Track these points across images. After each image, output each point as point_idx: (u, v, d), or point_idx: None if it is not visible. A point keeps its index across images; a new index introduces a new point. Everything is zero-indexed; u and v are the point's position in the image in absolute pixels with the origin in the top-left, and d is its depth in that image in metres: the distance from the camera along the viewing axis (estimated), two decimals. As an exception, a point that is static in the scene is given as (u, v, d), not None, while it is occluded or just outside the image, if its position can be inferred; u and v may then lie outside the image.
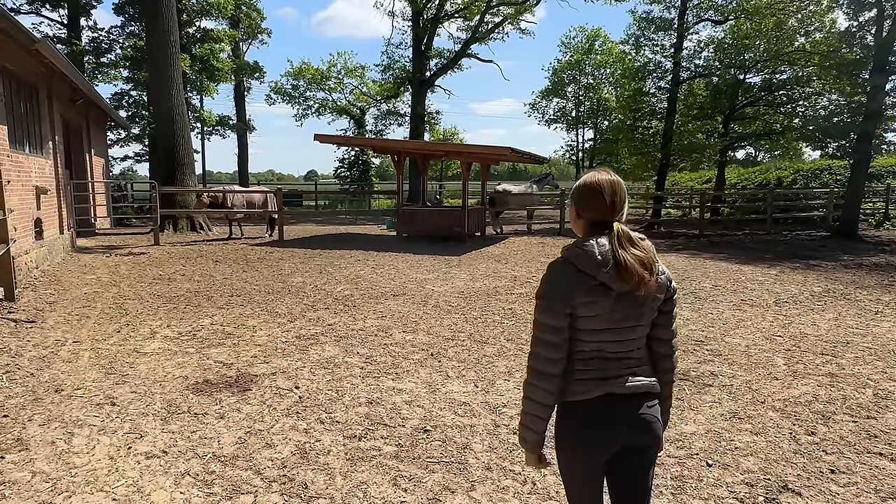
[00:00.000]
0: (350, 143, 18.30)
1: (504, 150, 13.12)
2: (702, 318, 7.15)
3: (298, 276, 10.02)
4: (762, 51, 23.15)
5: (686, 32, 21.62)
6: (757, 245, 15.83)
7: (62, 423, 3.87)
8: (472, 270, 10.69)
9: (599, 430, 1.82)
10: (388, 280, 9.65)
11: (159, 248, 13.41)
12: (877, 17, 17.83)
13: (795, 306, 7.87)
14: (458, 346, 5.84)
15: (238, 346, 5.79)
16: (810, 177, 25.81)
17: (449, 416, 4.06)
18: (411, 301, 8.03)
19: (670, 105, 21.62)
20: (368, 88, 37.67)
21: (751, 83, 24.78)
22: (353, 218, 24.60)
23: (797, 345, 5.92)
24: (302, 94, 37.41)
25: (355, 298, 8.19)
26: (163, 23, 15.99)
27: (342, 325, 6.68)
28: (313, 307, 7.62)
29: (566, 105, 44.76)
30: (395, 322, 6.83)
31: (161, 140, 16.80)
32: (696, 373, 5.02)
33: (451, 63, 31.45)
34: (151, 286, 8.89)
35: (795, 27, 23.31)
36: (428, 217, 15.48)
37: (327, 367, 5.14)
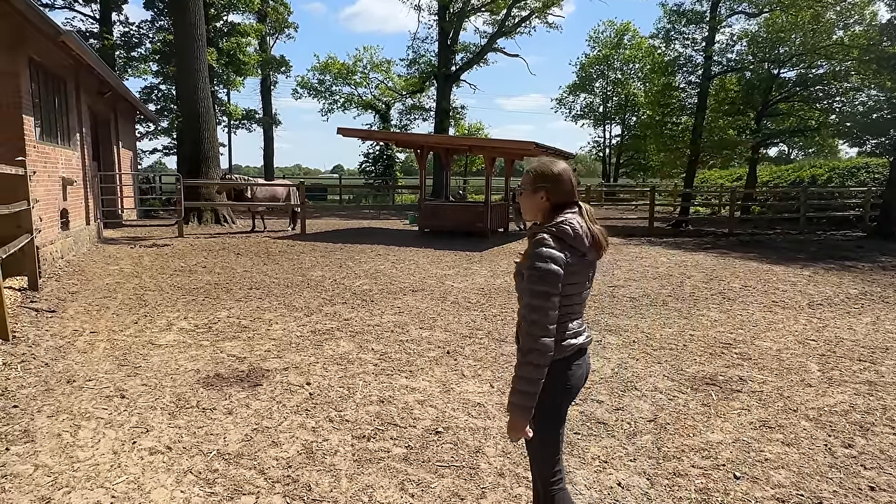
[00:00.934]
0: (373, 136, 18.23)
1: (528, 144, 12.89)
2: (730, 319, 6.88)
3: (318, 269, 9.96)
4: (798, 45, 22.44)
5: (718, 26, 21.06)
6: (789, 245, 15.33)
7: (70, 416, 3.82)
8: (494, 267, 10.52)
9: (578, 379, 2.17)
10: (408, 275, 9.53)
11: (183, 239, 13.51)
12: (921, 9, 17.11)
13: (830, 309, 7.53)
14: (476, 345, 5.69)
15: (252, 339, 5.72)
16: (847, 175, 24.94)
17: (462, 418, 3.91)
18: (430, 297, 7.90)
19: (700, 100, 21.08)
20: (394, 83, 37.64)
21: (785, 78, 24.08)
22: (376, 213, 24.57)
23: (832, 350, 5.63)
24: (328, 89, 37.54)
25: (373, 293, 8.09)
26: (190, 16, 16.09)
27: (359, 320, 6.58)
28: (331, 301, 7.53)
29: (594, 100, 44.20)
30: (412, 318, 6.70)
31: (187, 134, 16.95)
32: (723, 377, 4.78)
33: (477, 57, 31.22)
34: (172, 278, 8.92)
35: (833, 20, 22.54)
36: (450, 212, 15.33)
37: (341, 363, 5.04)
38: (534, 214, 2.14)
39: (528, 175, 2.15)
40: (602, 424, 3.83)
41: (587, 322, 2.31)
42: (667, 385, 4.60)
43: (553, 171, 2.10)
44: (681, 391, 4.47)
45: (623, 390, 4.46)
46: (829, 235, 18.26)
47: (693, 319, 6.84)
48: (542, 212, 2.12)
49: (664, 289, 8.79)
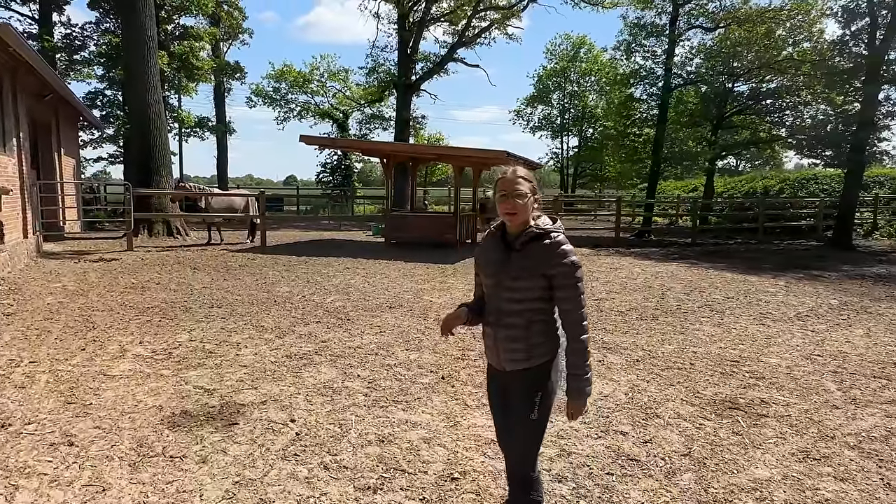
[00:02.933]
0: (337, 144, 17.60)
1: (500, 153, 12.56)
2: (726, 334, 6.62)
3: (284, 285, 9.30)
4: (750, 60, 23.00)
5: (677, 39, 21.36)
6: (752, 254, 15.48)
7: (4, 472, 3.15)
8: (469, 280, 10.07)
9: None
10: (382, 290, 8.98)
11: (133, 253, 12.56)
12: (870, 26, 17.71)
13: (819, 320, 7.39)
14: (471, 368, 5.21)
15: (221, 367, 5.08)
16: (797, 186, 25.71)
17: (478, 459, 3.42)
18: (410, 314, 7.38)
19: (661, 112, 21.30)
20: (352, 92, 36.98)
21: (738, 92, 24.67)
22: (336, 223, 23.84)
23: (842, 366, 5.39)
24: (284, 97, 36.60)
25: (348, 310, 7.51)
26: (140, 17, 15.17)
27: (337, 341, 6.00)
28: (303, 320, 6.92)
29: (551, 112, 44.58)
30: (395, 338, 6.18)
31: (136, 140, 15.92)
32: (744, 400, 4.45)
33: (438, 67, 30.91)
34: (123, 296, 8.11)
35: (784, 36, 23.22)
36: (418, 223, 14.85)
37: (325, 393, 4.47)
38: (528, 218, 2.27)
39: (527, 182, 2.25)
40: (635, 462, 3.41)
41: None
42: (689, 411, 4.22)
43: (533, 178, 2.32)
44: (706, 417, 4.10)
45: (645, 419, 4.06)
46: (788, 245, 18.61)
47: (689, 334, 6.55)
48: (529, 213, 2.26)
49: (649, 301, 8.53)
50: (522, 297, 2.24)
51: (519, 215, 2.25)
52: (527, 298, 2.24)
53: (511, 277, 2.25)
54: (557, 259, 2.19)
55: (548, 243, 2.22)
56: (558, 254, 2.19)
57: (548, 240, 2.22)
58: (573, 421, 2.43)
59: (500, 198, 2.28)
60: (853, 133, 17.47)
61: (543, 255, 2.21)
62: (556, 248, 2.20)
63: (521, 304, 2.24)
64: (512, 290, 2.25)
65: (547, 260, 2.20)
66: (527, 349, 2.27)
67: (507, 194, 2.25)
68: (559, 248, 2.20)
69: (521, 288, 2.23)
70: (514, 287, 2.25)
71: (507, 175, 2.27)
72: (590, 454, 3.49)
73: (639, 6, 22.66)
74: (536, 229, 2.25)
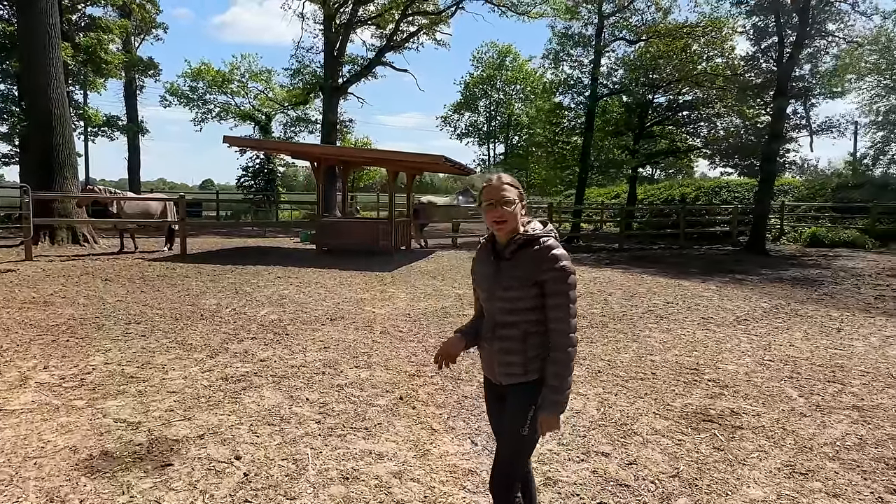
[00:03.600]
0: (263, 147, 16.69)
1: (437, 158, 12.27)
2: (677, 340, 6.60)
3: (210, 297, 8.56)
4: (669, 72, 24.02)
5: (603, 50, 21.95)
6: (677, 259, 16.01)
7: None
8: (411, 289, 9.69)
9: None
10: (319, 301, 8.44)
11: (32, 263, 11.28)
12: (777, 44, 18.86)
13: (758, 324, 7.55)
14: (429, 385, 4.84)
15: (146, 394, 4.45)
16: (711, 193, 27.11)
17: (459, 495, 3.06)
18: (353, 326, 6.91)
19: (588, 121, 21.80)
20: (275, 94, 35.69)
21: (658, 103, 25.71)
22: (261, 230, 22.76)
23: (795, 371, 5.44)
24: (201, 97, 34.75)
25: (285, 324, 6.95)
26: (40, 3, 13.77)
27: (278, 360, 5.46)
28: (236, 337, 6.31)
29: (478, 119, 44.95)
30: (341, 354, 5.71)
31: (36, 138, 14.40)
32: (714, 411, 4.33)
33: (366, 70, 30.34)
34: (22, 312, 7.15)
35: (699, 52, 24.41)
36: (351, 229, 14.30)
37: (272, 422, 3.96)
38: (516, 225, 2.20)
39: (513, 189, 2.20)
40: (625, 488, 3.16)
41: None
42: (664, 425, 4.05)
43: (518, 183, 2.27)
44: (683, 432, 3.94)
45: (623, 436, 3.84)
46: (707, 250, 19.44)
47: (642, 342, 6.47)
48: (517, 220, 2.21)
49: (594, 308, 8.47)
50: (515, 307, 2.16)
51: (508, 223, 2.19)
52: (520, 309, 2.16)
53: (503, 288, 2.18)
54: (548, 264, 2.12)
55: (537, 249, 2.15)
56: (549, 259, 2.12)
57: (537, 245, 2.16)
58: (543, 436, 2.25)
59: (486, 206, 2.21)
60: (765, 144, 18.47)
61: (533, 262, 2.14)
62: (547, 252, 2.14)
63: (515, 316, 2.17)
64: (504, 300, 2.18)
65: (537, 266, 2.13)
66: (523, 363, 2.18)
67: (494, 202, 2.18)
68: (549, 252, 2.14)
69: (514, 298, 2.16)
70: (506, 297, 2.18)
71: (493, 182, 2.22)
72: (577, 481, 3.21)
73: (564, 17, 23.18)
74: (525, 236, 2.19)
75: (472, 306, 8.56)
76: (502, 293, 2.18)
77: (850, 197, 23.83)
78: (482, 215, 2.28)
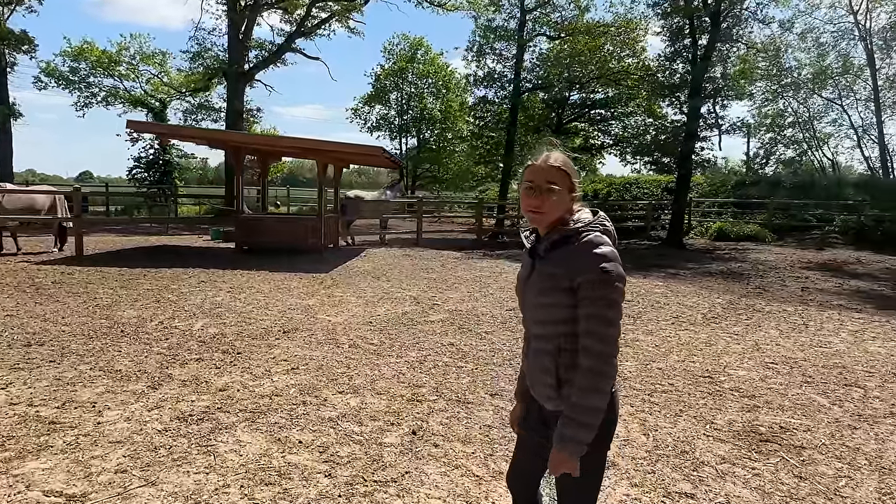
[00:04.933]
0: (177, 134, 14.82)
1: (375, 149, 11.40)
2: (666, 343, 6.27)
3: (127, 307, 7.25)
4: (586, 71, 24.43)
5: (525, 44, 21.85)
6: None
7: None
8: (358, 292, 8.81)
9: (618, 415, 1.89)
10: (262, 309, 7.38)
11: None
12: (691, 45, 19.57)
13: (729, 322, 7.44)
14: (438, 413, 4.10)
15: (80, 448, 3.38)
16: (622, 189, 28.04)
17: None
18: (314, 340, 6.00)
19: (512, 115, 21.64)
20: (171, 78, 32.84)
21: (574, 100, 26.16)
22: (162, 227, 20.62)
23: (806, 375, 5.22)
24: (84, 80, 31.25)
25: (231, 340, 5.90)
26: None
27: (240, 387, 4.49)
28: (175, 358, 5.22)
29: (389, 112, 43.87)
30: (315, 376, 4.82)
31: None
32: (763, 428, 3.94)
33: (274, 56, 28.57)
34: None
35: (612, 51, 25.04)
36: (276, 226, 13.07)
37: (269, 479, 3.07)
38: (556, 214, 1.80)
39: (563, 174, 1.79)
40: (742, 542, 2.62)
41: None
42: (725, 450, 3.58)
43: (572, 164, 1.85)
44: (750, 457, 3.49)
45: (693, 468, 3.32)
46: (628, 244, 19.89)
47: (634, 346, 6.08)
48: (563, 212, 1.81)
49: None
50: (547, 317, 1.78)
51: (547, 214, 1.79)
52: (552, 320, 1.77)
53: (534, 293, 1.81)
54: (585, 264, 1.68)
55: (576, 245, 1.73)
56: (587, 257, 1.69)
57: (576, 241, 1.74)
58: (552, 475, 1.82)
59: (525, 190, 1.81)
60: (682, 142, 19.11)
61: (569, 262, 1.72)
62: (585, 250, 1.70)
63: (548, 327, 1.79)
64: (536, 308, 1.82)
65: (573, 267, 1.70)
66: (556, 386, 1.79)
67: (534, 187, 1.78)
68: (589, 249, 1.70)
69: (546, 305, 1.77)
70: (538, 304, 1.81)
71: (538, 162, 1.81)
72: (683, 538, 2.64)
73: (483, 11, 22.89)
74: (563, 230, 1.77)
75: (434, 311, 7.91)
76: (534, 299, 1.81)
77: (748, 193, 25.43)
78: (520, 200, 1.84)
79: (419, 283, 9.86)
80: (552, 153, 1.83)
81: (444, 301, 8.30)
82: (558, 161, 1.80)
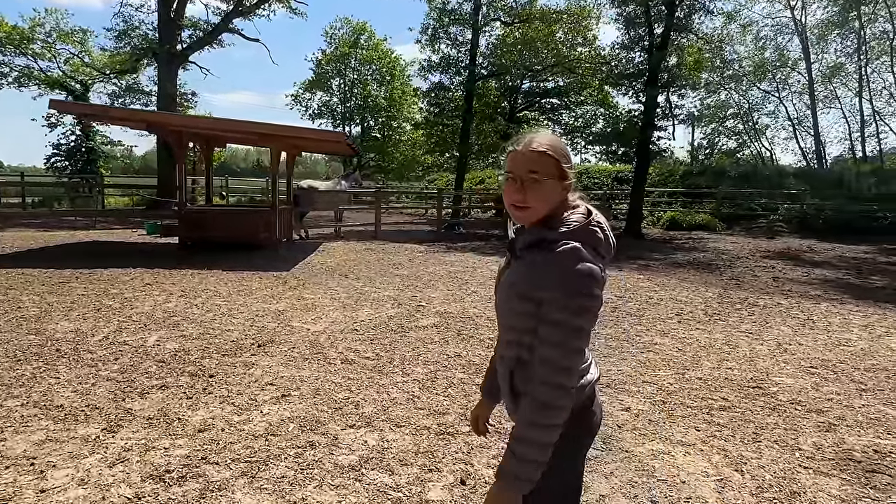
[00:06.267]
0: (109, 115, 13.10)
1: (337, 135, 10.45)
2: (684, 345, 5.76)
3: (60, 318, 6.12)
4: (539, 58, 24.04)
5: (480, 30, 21.18)
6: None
7: None
8: (330, 293, 7.92)
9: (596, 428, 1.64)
10: (225, 318, 6.39)
11: None
12: (648, 34, 19.45)
13: (734, 319, 7.05)
14: (480, 452, 3.36)
15: (19, 534, 2.45)
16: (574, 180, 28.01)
17: None
18: (297, 354, 5.12)
19: (468, 103, 20.95)
20: (93, 59, 30.26)
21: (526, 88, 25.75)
22: (89, 220, 18.76)
23: (854, 380, 4.79)
24: (-9, 58, 28.32)
25: (196, 358, 4.95)
26: None
27: (223, 425, 3.60)
28: (131, 385, 4.25)
29: (331, 100, 42.28)
30: (313, 405, 3.98)
31: None
32: (858, 454, 3.41)
33: (210, 37, 26.70)
34: None
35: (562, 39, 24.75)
36: (224, 220, 11.89)
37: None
38: (545, 209, 1.51)
39: (550, 160, 1.49)
40: None
41: None
42: (835, 486, 3.02)
43: (564, 146, 1.56)
44: (866, 495, 2.94)
45: (817, 517, 2.74)
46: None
47: (656, 351, 5.53)
48: (553, 205, 1.51)
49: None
50: (513, 323, 1.53)
51: (532, 210, 1.50)
52: (517, 327, 1.52)
53: (504, 294, 1.57)
54: (553, 281, 1.41)
55: (551, 254, 1.44)
56: (558, 273, 1.41)
57: (553, 248, 1.44)
58: None
59: (507, 181, 1.53)
60: (640, 132, 18.99)
61: (539, 272, 1.45)
62: (559, 264, 1.42)
63: (510, 334, 1.55)
64: (503, 310, 1.57)
65: (541, 278, 1.44)
66: (511, 396, 1.57)
67: (515, 177, 1.51)
68: (564, 265, 1.41)
69: (512, 310, 1.52)
70: (505, 308, 1.56)
71: (519, 148, 1.53)
72: None
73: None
74: (544, 232, 1.48)
75: (423, 314, 7.14)
76: (503, 301, 1.59)
77: (696, 183, 25.83)
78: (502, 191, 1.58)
79: (392, 280, 9.05)
80: (537, 136, 1.55)
81: (428, 302, 7.54)
82: (543, 145, 1.51)
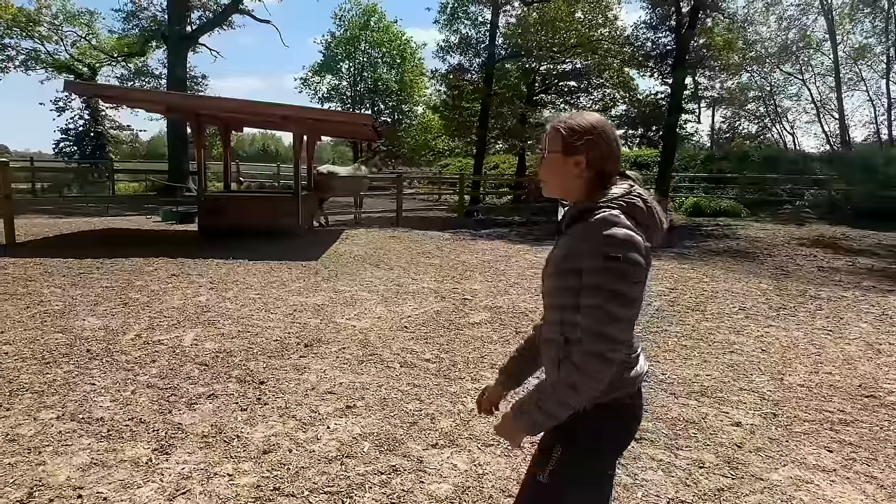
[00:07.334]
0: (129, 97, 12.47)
1: (366, 118, 9.92)
2: (765, 345, 5.29)
3: (86, 314, 5.69)
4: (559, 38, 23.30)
5: (500, 9, 20.48)
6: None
7: None
8: (366, 285, 7.46)
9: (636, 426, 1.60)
10: (263, 312, 5.95)
11: None
12: (675, 13, 18.75)
13: (802, 314, 6.57)
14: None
15: None
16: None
17: None
18: (350, 356, 4.67)
19: (487, 84, 20.32)
20: (101, 42, 29.73)
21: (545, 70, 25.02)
22: (100, 206, 18.36)
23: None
24: (-2, 41, 27.83)
25: (241, 360, 4.51)
26: None
27: (290, 445, 3.16)
28: (175, 393, 3.82)
29: (341, 83, 41.57)
30: (385, 419, 3.53)
31: None
32: None
33: (221, 18, 26.09)
34: None
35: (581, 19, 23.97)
36: (245, 206, 11.43)
37: None
38: (563, 189, 1.54)
39: (556, 132, 1.51)
40: None
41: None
42: None
43: (589, 123, 1.51)
44: None
45: None
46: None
47: (738, 352, 5.06)
48: (578, 185, 1.52)
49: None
50: (555, 302, 1.50)
51: (547, 184, 1.57)
52: (559, 306, 1.48)
53: (549, 273, 1.55)
54: (590, 248, 1.37)
55: (588, 223, 1.41)
56: (595, 240, 1.37)
57: (590, 218, 1.41)
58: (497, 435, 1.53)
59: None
60: (667, 116, 18.38)
61: (578, 242, 1.42)
62: (595, 230, 1.38)
63: (556, 313, 1.50)
64: (547, 291, 1.57)
65: (579, 248, 1.40)
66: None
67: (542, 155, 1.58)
68: (600, 231, 1.37)
69: (556, 290, 1.49)
70: (548, 287, 1.55)
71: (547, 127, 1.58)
72: None
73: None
74: (583, 203, 1.46)
75: (469, 308, 6.69)
76: (547, 280, 1.54)
77: (718, 167, 25.17)
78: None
79: (426, 271, 8.59)
80: (565, 115, 1.55)
81: (472, 294, 7.08)
82: (561, 122, 1.52)
